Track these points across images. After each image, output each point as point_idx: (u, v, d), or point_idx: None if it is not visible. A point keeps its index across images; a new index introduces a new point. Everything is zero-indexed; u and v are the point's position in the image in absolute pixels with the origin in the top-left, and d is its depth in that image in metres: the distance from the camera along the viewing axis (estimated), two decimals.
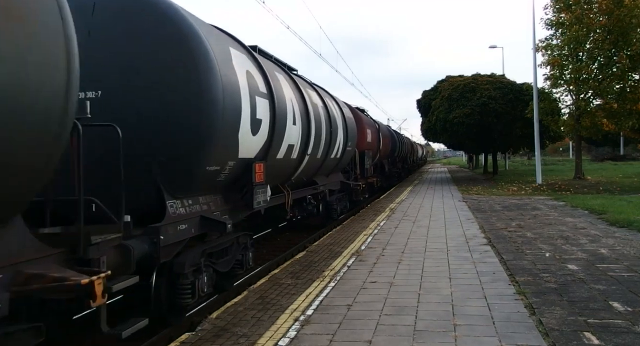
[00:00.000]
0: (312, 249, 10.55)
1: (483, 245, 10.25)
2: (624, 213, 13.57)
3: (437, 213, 15.88)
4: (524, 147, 39.60)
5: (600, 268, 7.87)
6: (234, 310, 6.39)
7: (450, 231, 12.19)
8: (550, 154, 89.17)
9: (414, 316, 5.80)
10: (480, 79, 33.95)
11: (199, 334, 5.57)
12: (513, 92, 32.09)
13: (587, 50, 26.33)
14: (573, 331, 5.20)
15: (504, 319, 5.62)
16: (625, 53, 24.95)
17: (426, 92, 38.55)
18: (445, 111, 32.66)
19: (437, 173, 51.19)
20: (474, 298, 6.44)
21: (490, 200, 19.86)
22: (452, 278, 7.52)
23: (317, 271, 8.36)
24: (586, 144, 60.65)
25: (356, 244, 10.77)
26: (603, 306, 6.00)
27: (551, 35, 27.51)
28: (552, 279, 7.28)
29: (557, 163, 60.96)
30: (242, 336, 5.41)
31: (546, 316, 5.65)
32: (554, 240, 10.52)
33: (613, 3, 24.22)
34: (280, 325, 5.70)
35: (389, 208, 18.00)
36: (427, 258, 9.09)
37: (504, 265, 8.29)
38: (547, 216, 14.45)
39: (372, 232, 12.35)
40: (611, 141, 63.84)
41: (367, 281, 7.52)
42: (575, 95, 27.40)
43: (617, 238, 10.59)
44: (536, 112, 26.02)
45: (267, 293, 7.09)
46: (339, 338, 5.20)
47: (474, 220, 14.13)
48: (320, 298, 6.68)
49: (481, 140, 33.49)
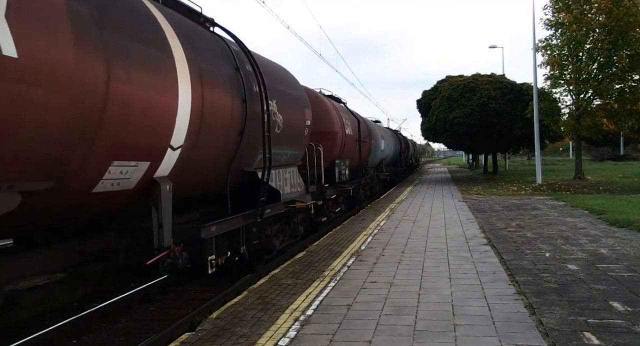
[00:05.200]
0: (312, 249, 10.55)
1: (483, 245, 10.25)
2: (624, 213, 13.57)
3: (437, 213, 15.87)
4: (524, 147, 39.59)
5: (600, 268, 7.87)
6: (234, 310, 6.40)
7: (450, 231, 12.19)
8: (550, 154, 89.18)
9: (414, 316, 5.80)
10: (480, 79, 33.96)
11: (199, 334, 5.57)
12: (513, 92, 32.10)
13: (586, 50, 26.31)
14: (573, 331, 5.19)
15: (504, 319, 5.62)
16: (625, 53, 24.94)
17: (426, 92, 38.54)
18: (445, 111, 32.66)
19: (437, 173, 51.18)
20: (474, 298, 6.44)
21: (490, 200, 19.86)
22: (452, 278, 7.52)
23: (317, 271, 8.37)
24: (586, 144, 60.65)
25: (356, 244, 10.77)
26: (603, 306, 6.00)
27: (551, 35, 27.52)
28: (552, 279, 7.28)
29: (557, 163, 60.97)
30: (242, 336, 5.41)
31: (546, 316, 5.65)
32: (554, 240, 10.52)
33: (612, 3, 24.20)
34: (280, 325, 5.70)
35: (389, 208, 18.00)
36: (427, 258, 9.08)
37: (504, 265, 8.29)
38: (547, 216, 14.45)
39: (372, 232, 12.35)
40: (611, 141, 63.88)
41: (367, 281, 7.52)
42: (575, 95, 27.38)
43: (617, 238, 10.59)
44: (536, 112, 26.01)
45: (267, 293, 7.09)
46: (339, 338, 5.20)
47: (474, 220, 14.13)
48: (320, 298, 6.68)
49: (481, 140, 33.47)
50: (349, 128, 15.87)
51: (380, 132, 24.86)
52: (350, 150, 16.29)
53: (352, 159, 16.68)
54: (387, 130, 32.11)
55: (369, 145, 20.25)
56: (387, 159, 27.74)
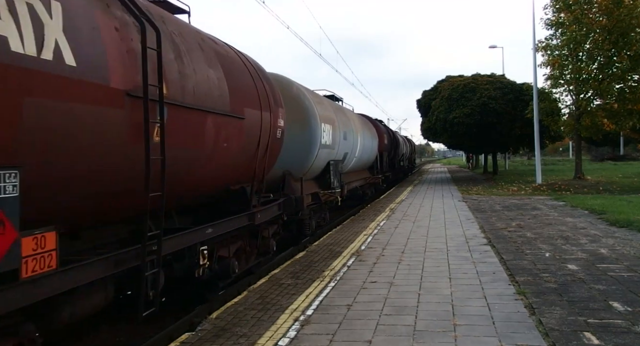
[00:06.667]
0: (312, 249, 10.55)
1: (483, 245, 10.25)
2: (624, 213, 13.57)
3: (437, 213, 15.87)
4: (524, 147, 39.61)
5: (600, 268, 7.87)
6: (234, 310, 6.40)
7: (450, 231, 12.19)
8: (550, 154, 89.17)
9: (414, 316, 5.80)
10: (480, 79, 33.99)
11: (199, 334, 5.57)
12: (513, 92, 32.12)
13: (586, 51, 26.31)
14: (573, 331, 5.19)
15: (504, 319, 5.62)
16: (625, 53, 24.93)
17: (426, 92, 38.56)
18: (445, 111, 32.68)
19: (437, 173, 51.17)
20: (474, 298, 6.44)
21: (490, 200, 19.86)
22: (452, 278, 7.52)
23: (317, 271, 8.37)
24: (586, 144, 60.60)
25: (356, 244, 10.77)
26: (603, 306, 6.00)
27: (551, 36, 27.53)
28: (552, 279, 7.28)
29: (557, 163, 60.98)
30: (242, 336, 5.41)
31: (546, 316, 5.65)
32: (554, 240, 10.52)
33: (613, 3, 24.20)
34: (280, 325, 5.70)
35: (389, 208, 18.00)
36: (427, 258, 9.08)
37: (504, 265, 8.29)
38: (547, 216, 14.45)
39: (372, 232, 12.35)
40: (611, 141, 63.83)
41: (367, 281, 7.52)
42: (575, 95, 27.39)
43: (617, 238, 10.59)
44: (536, 112, 26.02)
45: (267, 293, 7.09)
46: (339, 338, 5.20)
47: (474, 220, 14.13)
48: (320, 298, 6.68)
49: (481, 140, 33.49)
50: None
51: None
52: None
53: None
54: (353, 116, 18.36)
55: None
56: (358, 163, 18.02)
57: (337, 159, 13.97)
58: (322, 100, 13.49)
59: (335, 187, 13.37)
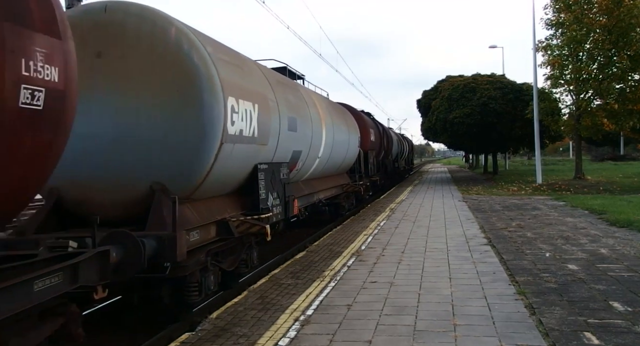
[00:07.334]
0: (312, 249, 10.55)
1: (483, 245, 10.25)
2: (624, 213, 13.56)
3: (437, 213, 15.87)
4: (524, 147, 39.60)
5: (600, 268, 7.87)
6: (234, 310, 6.40)
7: (450, 231, 12.19)
8: (550, 154, 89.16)
9: (414, 317, 5.80)
10: (480, 79, 33.99)
11: (199, 334, 5.57)
12: (513, 92, 32.12)
13: (587, 50, 26.32)
14: (573, 331, 5.19)
15: (504, 319, 5.62)
16: (625, 53, 24.93)
17: (426, 92, 38.57)
18: (445, 111, 32.68)
19: (437, 173, 51.17)
20: (474, 298, 6.44)
21: (490, 200, 19.85)
22: (452, 278, 7.52)
23: (317, 271, 8.37)
24: (586, 144, 60.63)
25: (356, 244, 10.77)
26: (603, 306, 6.00)
27: (551, 35, 27.53)
28: (552, 279, 7.28)
29: (557, 163, 60.97)
30: (242, 336, 5.41)
31: (546, 316, 5.65)
32: (554, 240, 10.52)
33: (613, 3, 24.19)
34: (281, 325, 5.70)
35: (389, 208, 18.00)
36: (427, 258, 9.08)
37: (504, 265, 8.29)
38: (547, 216, 14.45)
39: (372, 232, 12.35)
40: (611, 141, 63.86)
41: (367, 281, 7.52)
42: (576, 95, 27.40)
43: (617, 238, 10.58)
44: (536, 112, 26.01)
45: (267, 293, 7.09)
46: (339, 338, 5.20)
47: (474, 220, 14.13)
48: (320, 298, 6.68)
49: (481, 140, 33.49)
50: None
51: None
52: None
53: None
54: (316, 99, 13.07)
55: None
56: (327, 166, 13.59)
57: (277, 162, 9.05)
58: (241, 63, 8.20)
59: (269, 205, 8.36)
